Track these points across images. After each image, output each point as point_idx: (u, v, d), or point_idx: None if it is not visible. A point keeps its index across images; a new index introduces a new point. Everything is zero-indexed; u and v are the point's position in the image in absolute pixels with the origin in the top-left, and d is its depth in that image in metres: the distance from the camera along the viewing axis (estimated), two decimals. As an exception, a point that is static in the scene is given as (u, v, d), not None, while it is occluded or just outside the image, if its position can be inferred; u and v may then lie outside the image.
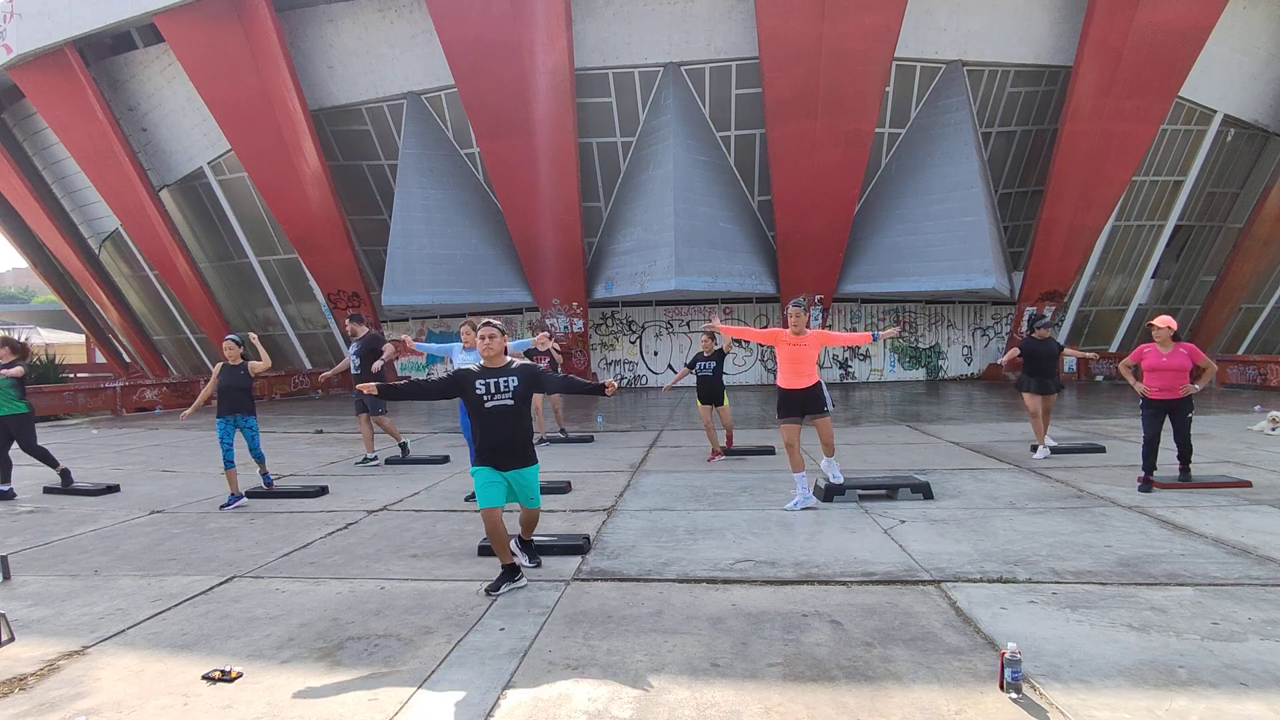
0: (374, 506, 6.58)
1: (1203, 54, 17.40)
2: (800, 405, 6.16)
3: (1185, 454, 6.58)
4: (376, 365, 8.59)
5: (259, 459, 7.24)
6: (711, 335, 8.77)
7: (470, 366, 4.45)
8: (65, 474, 7.64)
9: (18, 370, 7.45)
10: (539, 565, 4.68)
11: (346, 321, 9.21)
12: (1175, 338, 6.52)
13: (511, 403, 4.30)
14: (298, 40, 18.53)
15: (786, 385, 6.19)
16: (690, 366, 8.93)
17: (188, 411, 7.54)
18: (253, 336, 7.52)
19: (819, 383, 6.24)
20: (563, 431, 10.57)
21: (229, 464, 6.77)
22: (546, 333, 10.58)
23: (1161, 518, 5.55)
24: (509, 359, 4.45)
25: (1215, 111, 19.42)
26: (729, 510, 6.13)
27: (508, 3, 16.44)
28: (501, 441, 4.29)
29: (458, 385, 4.37)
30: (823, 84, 16.65)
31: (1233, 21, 18.09)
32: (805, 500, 6.09)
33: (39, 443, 7.73)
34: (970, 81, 18.30)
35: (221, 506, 6.66)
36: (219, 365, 7.10)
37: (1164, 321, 6.52)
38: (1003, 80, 18.49)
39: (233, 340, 7.12)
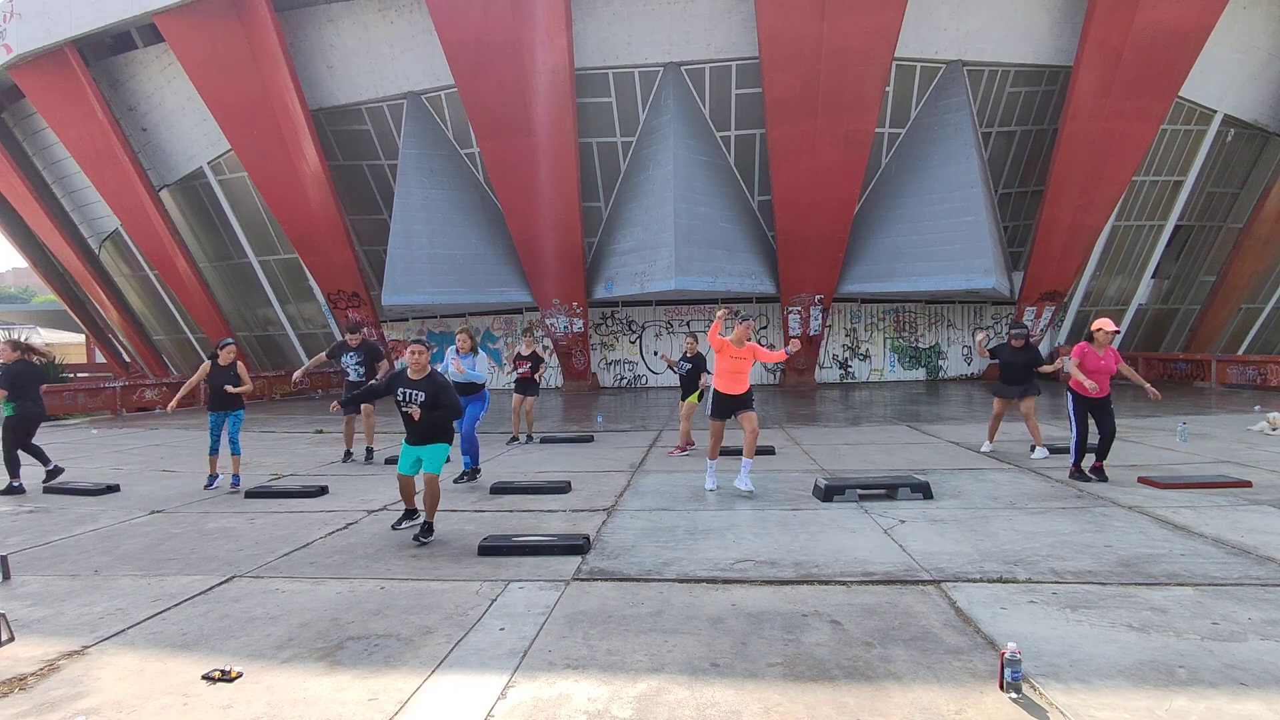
0: (374, 506, 6.58)
1: (1203, 54, 17.39)
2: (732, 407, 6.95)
3: None
4: (380, 375, 9.16)
5: (235, 451, 7.65)
6: (695, 337, 9.51)
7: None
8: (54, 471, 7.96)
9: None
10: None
11: (354, 334, 9.55)
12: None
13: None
14: (298, 40, 18.53)
15: (726, 390, 6.88)
16: (675, 362, 9.67)
17: (172, 404, 8.05)
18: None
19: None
20: (529, 437, 10.71)
21: (214, 451, 7.63)
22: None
23: (1161, 518, 5.55)
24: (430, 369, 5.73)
25: (1215, 111, 19.41)
26: (729, 510, 6.13)
27: (508, 3, 16.43)
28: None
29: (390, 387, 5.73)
30: (823, 84, 16.65)
31: (1233, 21, 18.08)
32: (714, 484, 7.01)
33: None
34: (970, 81, 18.29)
35: (204, 487, 7.44)
36: (207, 364, 7.72)
37: None
38: (1003, 80, 18.49)
39: (231, 343, 7.88)
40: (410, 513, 5.78)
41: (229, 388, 7.65)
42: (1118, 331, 6.94)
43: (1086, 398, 6.91)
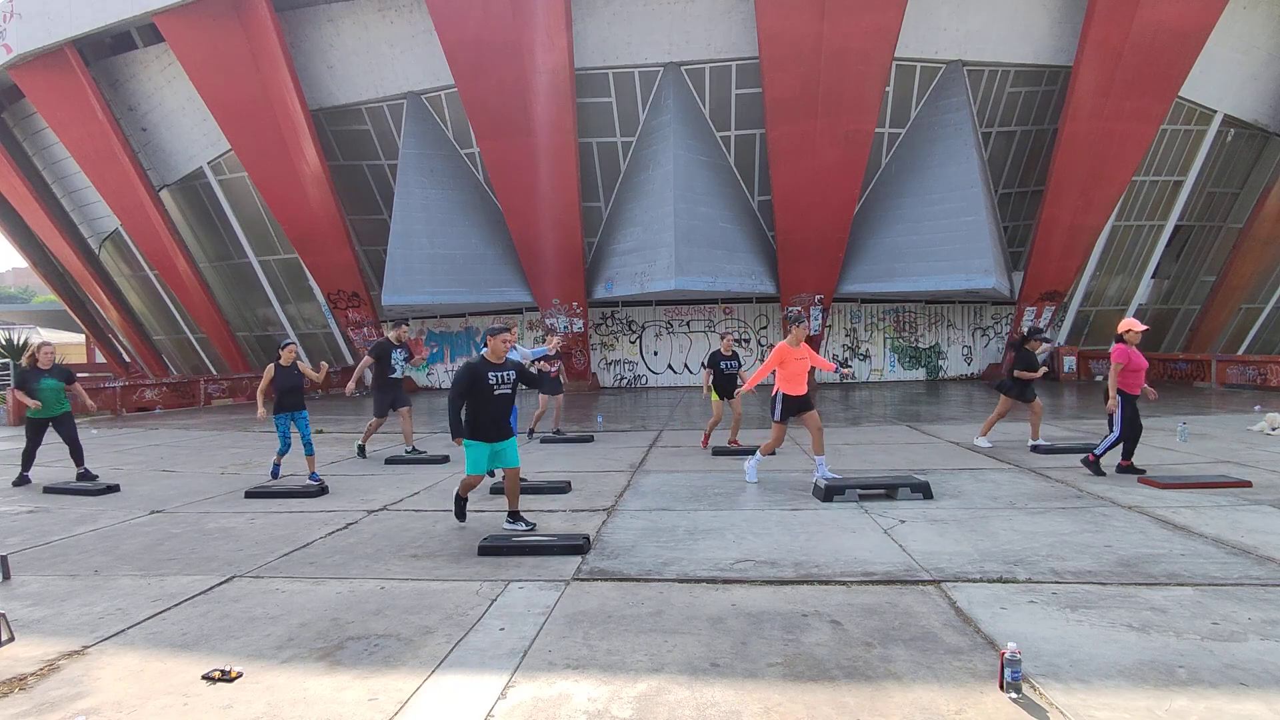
0: (374, 506, 6.58)
1: (1203, 54, 17.39)
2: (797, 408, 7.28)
3: None
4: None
5: (309, 452, 7.73)
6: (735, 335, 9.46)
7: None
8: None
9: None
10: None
11: (400, 327, 9.55)
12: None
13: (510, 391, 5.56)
14: (298, 40, 18.53)
15: (793, 392, 7.20)
16: (712, 365, 9.37)
17: (261, 412, 7.98)
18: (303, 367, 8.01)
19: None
20: (557, 431, 10.74)
21: (284, 451, 7.79)
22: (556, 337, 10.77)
23: (1161, 518, 5.55)
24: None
25: (1215, 111, 19.42)
26: (729, 510, 6.13)
27: (508, 3, 16.43)
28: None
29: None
30: (823, 84, 16.64)
31: (1233, 21, 18.08)
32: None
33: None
34: (970, 81, 18.29)
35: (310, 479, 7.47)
36: (272, 366, 7.66)
37: None
38: (1003, 80, 18.49)
39: (292, 344, 7.91)
40: (463, 502, 5.77)
41: (315, 372, 7.91)
42: (1146, 329, 7.20)
43: (1133, 397, 7.18)
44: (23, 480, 7.91)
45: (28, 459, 7.99)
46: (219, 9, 17.33)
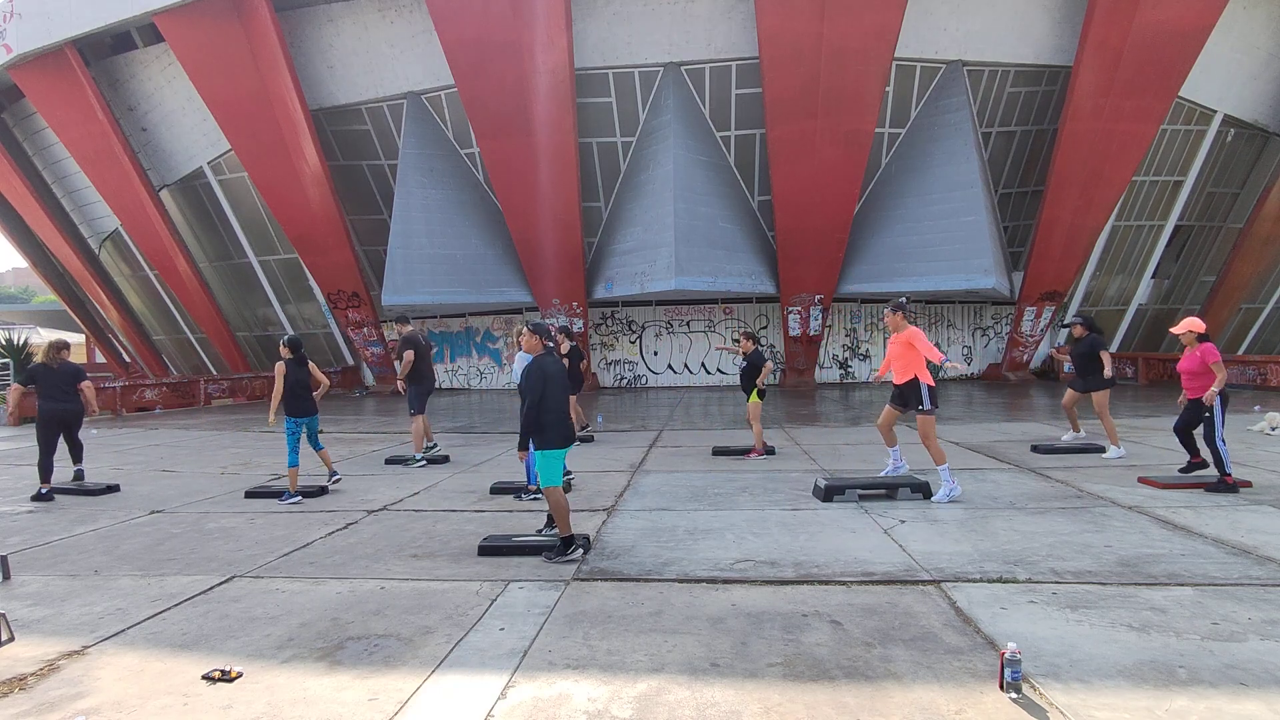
0: (374, 506, 6.58)
1: (1203, 54, 17.39)
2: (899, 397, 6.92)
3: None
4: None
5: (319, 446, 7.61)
6: (750, 338, 9.19)
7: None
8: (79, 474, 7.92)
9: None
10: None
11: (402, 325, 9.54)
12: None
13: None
14: (298, 40, 18.52)
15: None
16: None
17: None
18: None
19: (910, 380, 6.88)
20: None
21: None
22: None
23: (1161, 518, 5.55)
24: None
25: (1215, 111, 19.41)
26: (729, 510, 6.13)
27: (508, 3, 16.43)
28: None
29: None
30: (823, 84, 16.64)
31: (1233, 21, 18.08)
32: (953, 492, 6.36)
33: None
34: (970, 81, 18.29)
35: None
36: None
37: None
38: (1003, 80, 18.49)
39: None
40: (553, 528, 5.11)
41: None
42: (1190, 331, 6.60)
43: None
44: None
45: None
46: (219, 9, 17.32)
